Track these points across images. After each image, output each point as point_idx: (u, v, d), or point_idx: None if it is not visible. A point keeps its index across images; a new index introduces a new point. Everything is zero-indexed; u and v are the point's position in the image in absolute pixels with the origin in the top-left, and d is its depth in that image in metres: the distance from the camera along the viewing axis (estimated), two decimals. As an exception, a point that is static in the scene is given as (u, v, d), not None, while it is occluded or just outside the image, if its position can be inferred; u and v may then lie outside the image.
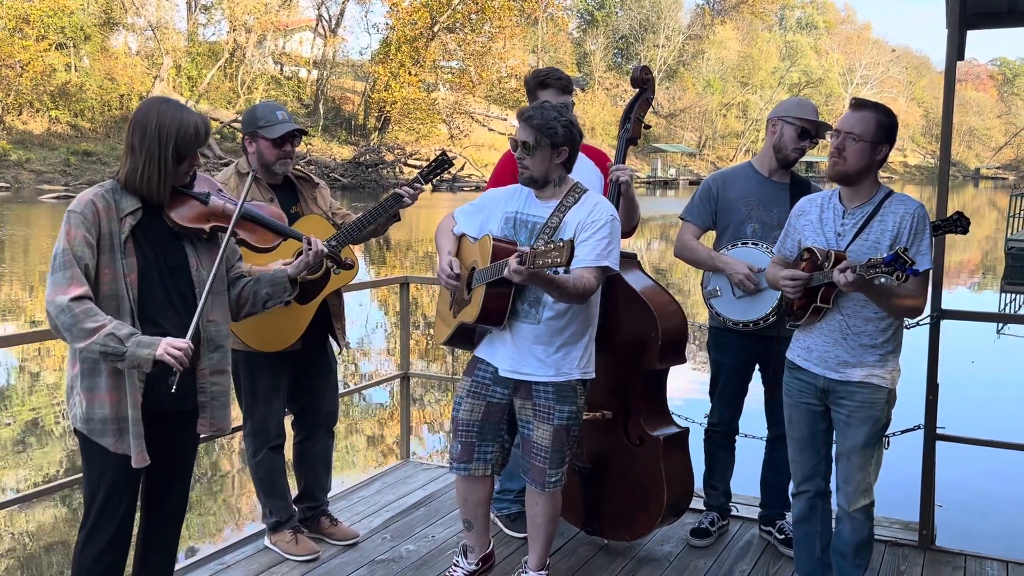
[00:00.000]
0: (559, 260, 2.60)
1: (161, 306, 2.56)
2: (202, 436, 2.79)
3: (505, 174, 3.75)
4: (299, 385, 3.73)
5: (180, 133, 2.52)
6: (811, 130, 3.70)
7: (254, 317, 3.40)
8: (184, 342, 2.46)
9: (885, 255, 2.63)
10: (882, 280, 2.61)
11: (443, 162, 3.65)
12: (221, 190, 2.73)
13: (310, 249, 2.83)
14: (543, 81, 3.70)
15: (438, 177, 3.71)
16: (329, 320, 3.69)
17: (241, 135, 3.60)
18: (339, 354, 3.90)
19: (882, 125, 2.89)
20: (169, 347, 2.42)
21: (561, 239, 2.64)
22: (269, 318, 3.43)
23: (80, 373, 2.53)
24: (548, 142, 3.00)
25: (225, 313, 2.73)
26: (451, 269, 3.15)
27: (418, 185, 3.58)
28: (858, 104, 2.93)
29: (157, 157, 2.51)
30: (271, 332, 3.48)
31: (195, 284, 2.62)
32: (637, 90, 3.76)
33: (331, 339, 3.79)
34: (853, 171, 2.91)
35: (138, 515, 2.73)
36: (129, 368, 2.46)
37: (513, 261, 2.74)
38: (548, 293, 2.96)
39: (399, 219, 3.66)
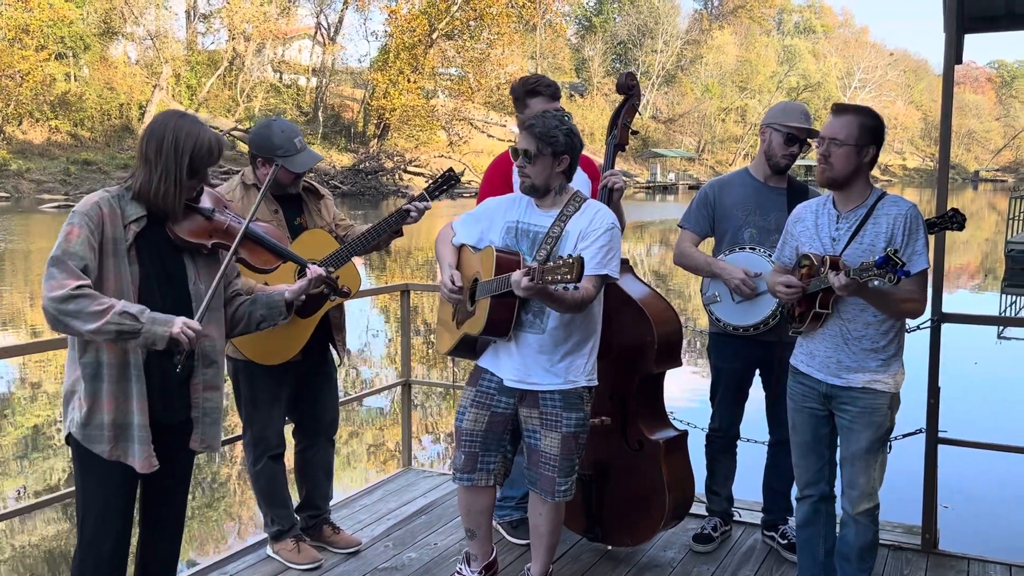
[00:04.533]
0: (569, 277, 2.61)
1: None
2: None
3: (496, 181, 3.76)
4: (300, 394, 3.73)
5: (196, 148, 2.51)
6: (799, 135, 3.70)
7: None
8: (197, 324, 2.45)
9: (876, 258, 2.64)
10: (875, 283, 2.62)
11: (450, 178, 3.65)
12: (227, 207, 2.72)
13: (317, 276, 2.82)
14: (533, 88, 3.68)
15: (444, 192, 3.70)
16: (330, 331, 3.69)
17: (252, 153, 3.52)
18: (340, 365, 3.90)
19: (864, 127, 2.89)
20: (186, 327, 2.42)
21: (570, 255, 2.64)
22: (270, 331, 3.43)
23: (82, 378, 2.49)
24: (549, 150, 3.01)
25: (220, 329, 2.71)
26: (453, 283, 3.15)
27: (425, 202, 3.57)
28: (839, 109, 2.95)
29: (173, 171, 2.50)
30: (271, 345, 3.48)
31: (192, 297, 2.60)
32: (623, 97, 3.77)
33: (332, 349, 3.79)
34: (841, 176, 2.92)
35: (136, 530, 2.70)
36: (143, 346, 2.43)
37: (523, 278, 2.74)
38: (548, 305, 2.96)
39: (402, 234, 3.65)
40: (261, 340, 3.44)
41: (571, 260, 2.61)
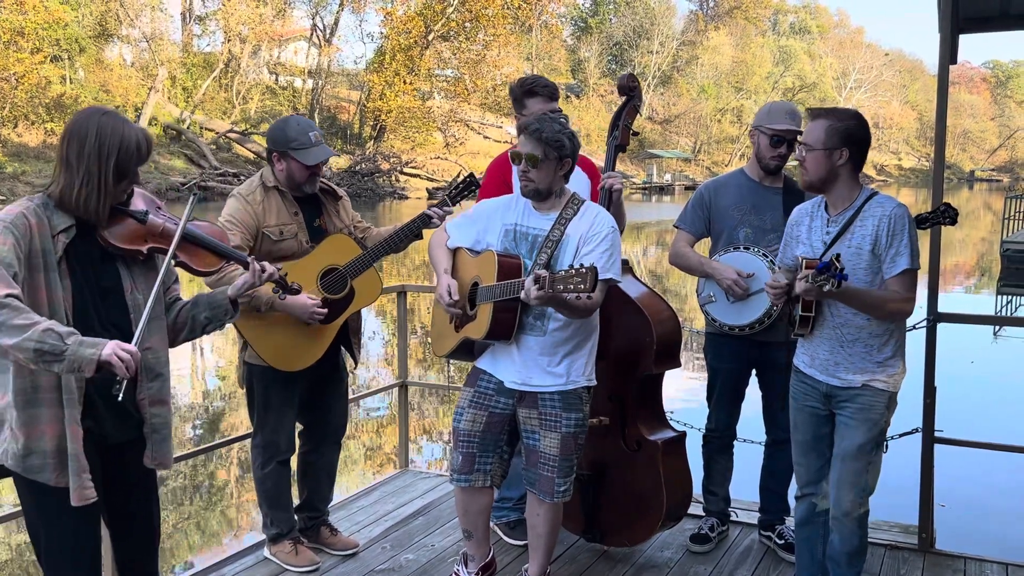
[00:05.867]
0: (583, 287, 2.60)
1: (94, 332, 2.28)
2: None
3: (496, 182, 3.76)
4: (311, 398, 3.73)
5: (122, 148, 2.30)
6: (784, 136, 3.69)
7: (276, 335, 3.41)
8: (132, 347, 2.20)
9: (818, 263, 2.63)
10: (826, 288, 2.62)
11: (470, 183, 3.67)
12: (160, 207, 2.51)
13: (260, 272, 2.60)
14: (531, 89, 3.69)
15: (465, 198, 3.72)
16: (347, 335, 3.70)
17: (268, 149, 3.54)
18: (355, 368, 3.91)
19: (832, 130, 2.87)
20: (118, 348, 2.16)
21: (582, 264, 2.63)
22: (292, 337, 3.44)
23: (14, 404, 2.27)
24: (555, 154, 3.00)
25: (163, 339, 2.52)
26: (450, 296, 3.13)
27: (446, 207, 3.60)
28: (813, 114, 2.96)
29: (97, 175, 2.29)
30: (293, 351, 3.48)
31: (129, 308, 2.42)
32: (624, 98, 3.77)
33: (345, 353, 3.79)
34: (816, 180, 2.94)
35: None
36: (68, 371, 2.17)
37: (532, 287, 2.73)
38: (559, 312, 2.96)
39: (421, 238, 3.67)
40: (282, 346, 3.45)
41: (584, 270, 2.59)
